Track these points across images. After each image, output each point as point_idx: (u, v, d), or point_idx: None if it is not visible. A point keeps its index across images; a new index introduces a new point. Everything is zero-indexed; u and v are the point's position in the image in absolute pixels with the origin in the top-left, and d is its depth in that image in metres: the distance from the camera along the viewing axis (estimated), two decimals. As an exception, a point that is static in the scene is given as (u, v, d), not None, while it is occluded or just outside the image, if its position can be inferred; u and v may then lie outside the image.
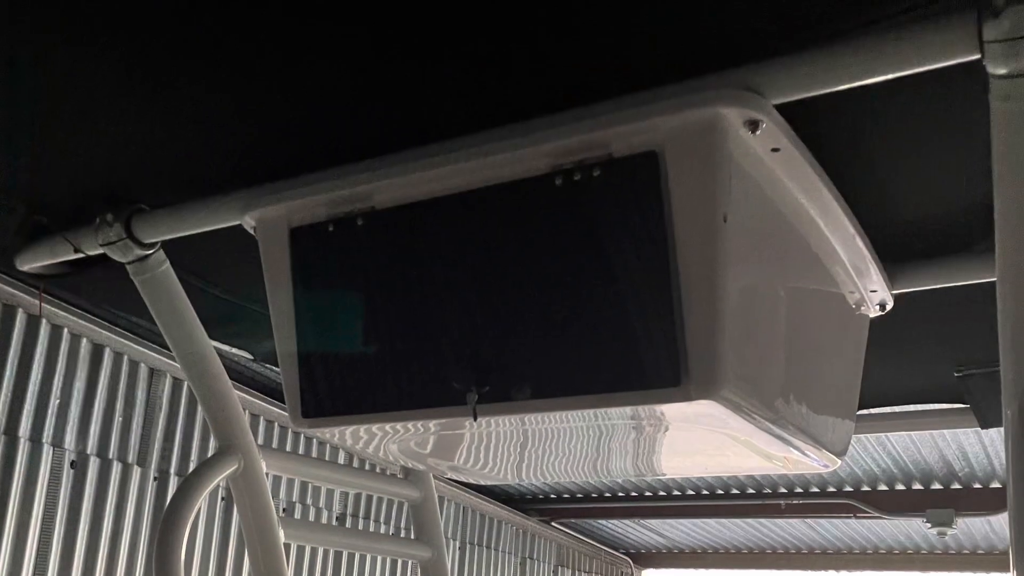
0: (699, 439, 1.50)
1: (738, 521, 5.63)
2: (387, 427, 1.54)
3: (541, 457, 1.71)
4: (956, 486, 4.53)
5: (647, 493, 5.31)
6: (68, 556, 2.73)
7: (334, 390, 1.53)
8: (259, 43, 1.33)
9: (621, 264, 1.27)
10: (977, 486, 4.48)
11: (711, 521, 5.74)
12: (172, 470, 3.10)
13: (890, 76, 1.14)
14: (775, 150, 1.29)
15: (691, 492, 5.21)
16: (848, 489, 4.77)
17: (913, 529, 5.37)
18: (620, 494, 5.37)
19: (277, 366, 1.61)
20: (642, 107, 1.25)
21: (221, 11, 1.27)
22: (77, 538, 2.77)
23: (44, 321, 2.61)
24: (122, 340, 2.85)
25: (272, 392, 3.41)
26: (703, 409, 1.26)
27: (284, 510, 3.63)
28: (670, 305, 1.23)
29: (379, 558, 4.14)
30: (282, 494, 3.63)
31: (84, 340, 2.76)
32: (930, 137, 1.44)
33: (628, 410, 1.32)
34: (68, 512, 2.74)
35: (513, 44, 1.30)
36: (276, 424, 3.55)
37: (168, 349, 1.95)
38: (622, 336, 1.26)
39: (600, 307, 1.28)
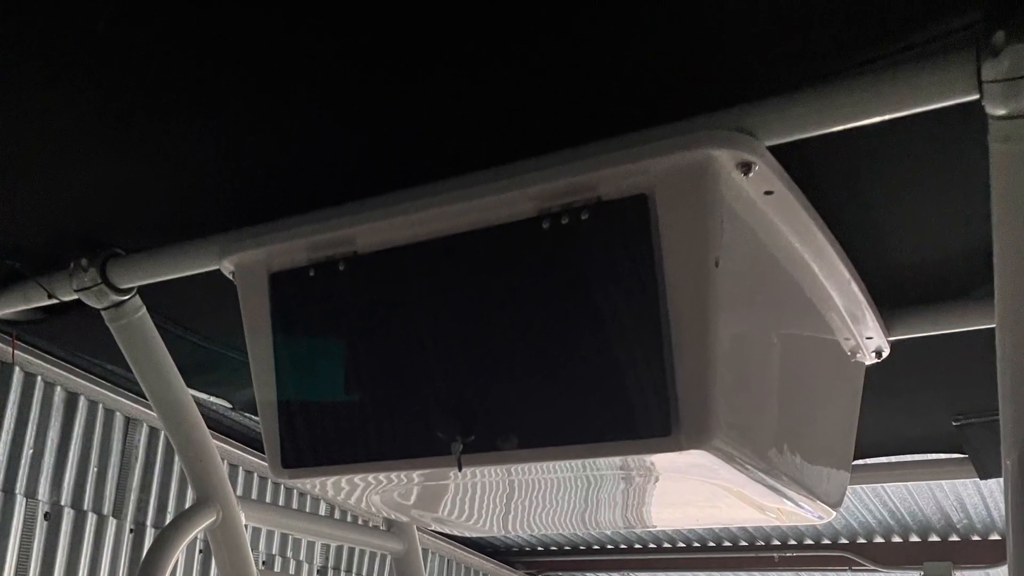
0: (690, 490, 1.46)
1: (730, 574, 5.57)
2: (369, 477, 1.50)
3: (528, 508, 1.67)
4: (954, 538, 4.50)
5: (637, 545, 5.27)
6: (40, 612, 2.67)
7: (315, 439, 1.49)
8: (237, 83, 1.31)
9: (610, 310, 1.24)
10: (975, 538, 4.45)
11: (702, 574, 5.68)
12: (149, 522, 3.05)
13: (886, 117, 1.11)
14: (768, 193, 1.26)
15: (682, 544, 5.16)
16: (843, 541, 4.74)
17: (909, 582, 5.32)
18: (609, 546, 5.32)
19: (256, 415, 1.58)
20: (631, 149, 1.22)
21: (198, 52, 1.25)
22: (50, 593, 2.70)
23: (17, 369, 2.57)
24: (97, 388, 2.81)
25: (251, 442, 3.37)
26: (694, 459, 1.23)
27: (264, 563, 3.58)
28: (660, 352, 1.20)
29: (362, 612, 4.09)
30: (261, 546, 3.57)
31: (58, 388, 2.72)
32: (927, 179, 1.41)
33: (617, 460, 1.29)
34: (42, 566, 2.69)
35: (500, 82, 1.28)
36: (255, 474, 3.51)
37: (144, 397, 1.92)
38: (611, 384, 1.23)
39: (588, 354, 1.25)
